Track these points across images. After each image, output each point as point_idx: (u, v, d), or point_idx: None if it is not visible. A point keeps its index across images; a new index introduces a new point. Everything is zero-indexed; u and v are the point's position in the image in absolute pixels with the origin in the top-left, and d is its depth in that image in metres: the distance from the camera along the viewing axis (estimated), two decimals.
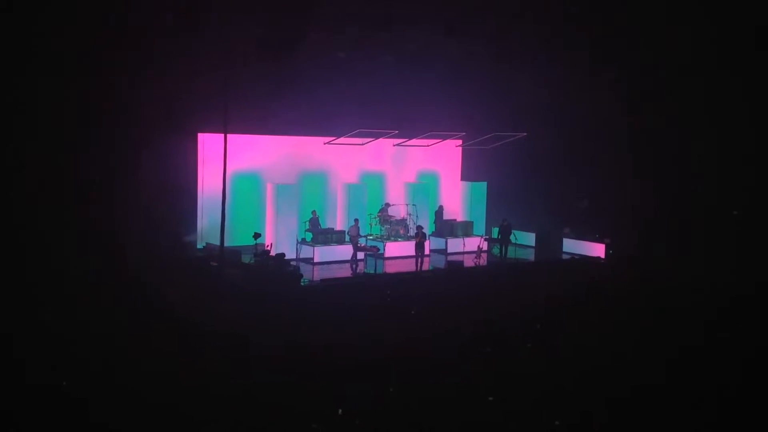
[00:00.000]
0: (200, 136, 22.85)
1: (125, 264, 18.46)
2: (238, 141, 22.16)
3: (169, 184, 21.02)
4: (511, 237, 25.22)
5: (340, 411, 11.19)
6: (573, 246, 26.54)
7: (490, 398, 11.99)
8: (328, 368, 12.94)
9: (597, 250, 25.75)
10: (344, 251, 23.43)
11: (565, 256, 26.28)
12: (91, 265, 17.90)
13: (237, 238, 22.35)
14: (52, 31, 17.42)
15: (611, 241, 25.56)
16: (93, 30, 17.64)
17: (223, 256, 19.84)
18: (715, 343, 15.15)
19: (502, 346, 14.87)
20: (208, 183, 22.83)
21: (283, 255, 20.77)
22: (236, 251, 21.20)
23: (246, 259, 21.04)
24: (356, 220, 23.67)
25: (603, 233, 25.92)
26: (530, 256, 26.51)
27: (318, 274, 21.90)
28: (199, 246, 22.83)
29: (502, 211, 26.24)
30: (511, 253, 25.47)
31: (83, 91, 18.42)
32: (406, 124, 25.33)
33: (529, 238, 27.23)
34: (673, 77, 23.77)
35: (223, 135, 19.49)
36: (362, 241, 23.91)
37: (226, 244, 19.93)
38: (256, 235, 20.89)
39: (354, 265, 22.74)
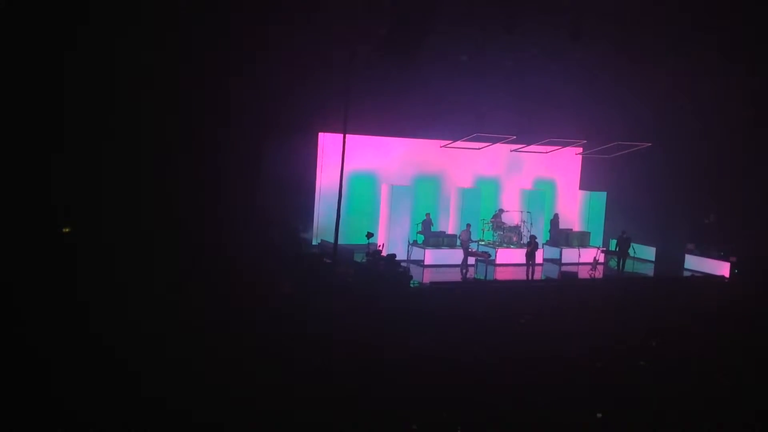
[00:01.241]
0: (321, 135, 23.40)
1: (243, 256, 19.11)
2: (356, 141, 22.55)
3: (289, 181, 21.65)
4: (630, 250, 24.38)
5: (444, 414, 11.19)
6: (695, 263, 25.35)
7: (599, 414, 11.65)
8: (430, 371, 12.94)
9: (721, 268, 24.48)
10: (455, 255, 23.37)
11: (686, 273, 25.14)
12: (211, 256, 18.61)
13: (351, 236, 22.74)
14: (178, 32, 18.18)
15: (737, 259, 24.23)
16: (218, 31, 18.33)
17: (336, 253, 20.24)
18: None
19: (612, 360, 14.42)
20: (326, 182, 23.35)
21: (394, 256, 20.95)
22: (349, 249, 21.57)
23: (358, 257, 21.37)
24: (468, 225, 23.54)
25: (728, 251, 24.62)
26: (649, 271, 25.54)
27: (428, 276, 21.95)
28: (314, 242, 23.38)
29: (622, 223, 25.37)
30: (629, 266, 24.62)
31: (210, 91, 19.17)
32: (525, 130, 24.97)
33: (648, 252, 26.24)
34: None
35: (342, 135, 19.89)
36: (473, 246, 23.76)
37: (340, 242, 20.32)
38: (369, 235, 21.17)
39: (464, 270, 22.64)
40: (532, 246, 22.88)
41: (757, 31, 21.07)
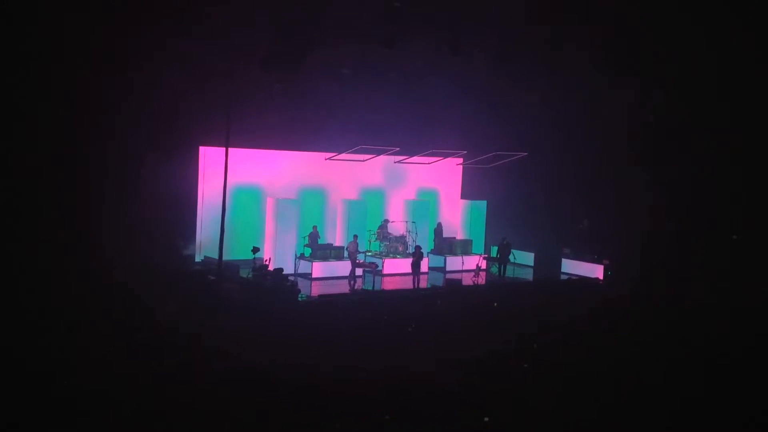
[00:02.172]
0: (202, 149, 22.88)
1: (122, 274, 18.39)
2: (239, 155, 22.20)
3: (169, 196, 21.00)
4: (510, 256, 25.21)
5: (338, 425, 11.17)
6: (572, 266, 26.51)
7: (486, 419, 11.94)
8: (321, 385, 12.89)
9: (596, 271, 25.72)
10: (343, 267, 23.40)
11: (563, 277, 26.26)
12: (87, 273, 17.81)
13: (236, 252, 22.33)
14: (55, 44, 17.41)
15: (610, 262, 25.54)
16: (98, 40, 17.65)
17: (221, 269, 19.80)
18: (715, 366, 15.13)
19: (499, 365, 14.83)
20: (209, 196, 22.84)
21: (281, 270, 20.74)
22: (234, 265, 21.17)
23: (244, 273, 21.01)
24: (355, 236, 23.65)
25: (602, 254, 25.91)
26: (529, 275, 26.49)
27: (316, 289, 21.86)
28: (197, 259, 22.79)
29: (502, 230, 26.24)
30: (510, 272, 25.46)
31: (84, 102, 18.39)
32: (408, 142, 25.38)
33: (528, 258, 27.22)
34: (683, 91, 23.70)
35: (224, 148, 19.52)
36: (361, 257, 23.88)
37: (224, 257, 19.89)
38: (255, 250, 20.87)
39: (352, 281, 22.70)
40: (417, 255, 23.24)
41: (622, 45, 22.28)
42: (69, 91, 17.96)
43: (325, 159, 25.22)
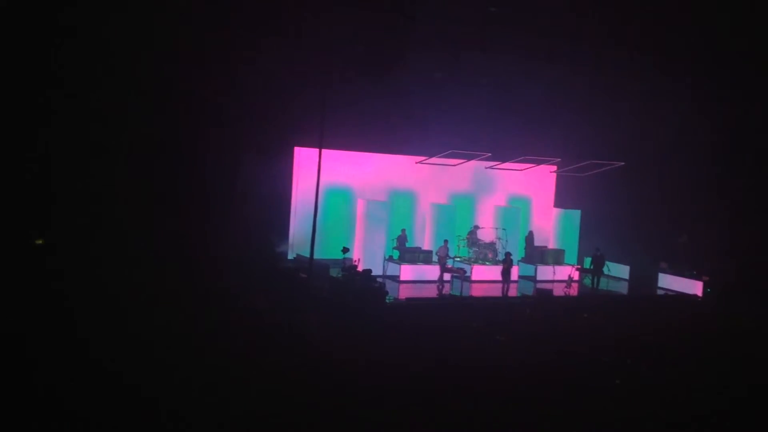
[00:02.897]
0: (296, 150, 23.28)
1: (219, 269, 18.90)
2: (332, 156, 22.45)
3: (265, 195, 21.49)
4: (604, 268, 24.50)
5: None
6: (669, 282, 25.55)
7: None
8: (404, 388, 12.83)
9: (694, 287, 24.70)
10: (430, 271, 23.31)
11: (659, 292, 25.33)
12: (185, 268, 18.37)
13: (326, 251, 22.58)
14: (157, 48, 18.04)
15: (710, 279, 24.47)
16: (196, 48, 18.21)
17: (311, 268, 20.06)
18: None
19: (588, 378, 14.41)
20: (302, 196, 23.21)
21: (370, 271, 20.82)
22: (325, 264, 21.41)
23: (334, 272, 21.21)
24: (445, 241, 23.51)
25: (701, 270, 24.86)
26: (623, 289, 25.68)
27: (403, 292, 21.85)
28: (289, 257, 23.17)
29: (596, 241, 25.51)
30: (603, 284, 24.73)
31: (184, 105, 19.01)
32: (500, 147, 25.07)
33: (623, 271, 26.39)
34: None
35: (318, 149, 19.79)
36: (449, 263, 23.71)
37: (315, 256, 20.16)
38: (345, 250, 21.06)
39: (440, 286, 22.57)
40: (507, 262, 22.89)
41: (728, 56, 21.41)
42: (169, 95, 18.61)
43: (416, 162, 25.20)
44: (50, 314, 14.60)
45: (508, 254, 23.31)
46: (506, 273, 22.76)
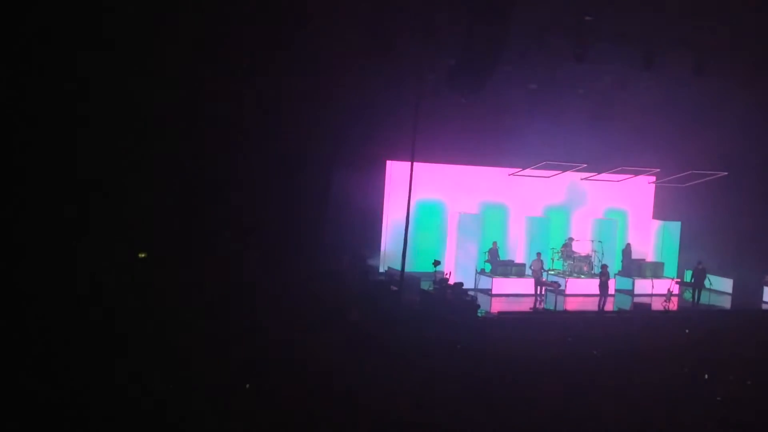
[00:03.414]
0: (388, 163, 23.57)
1: (312, 281, 19.30)
2: (424, 169, 22.62)
3: (358, 207, 21.86)
4: (706, 282, 23.60)
5: None
6: None
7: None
8: (495, 402, 12.77)
9: None
10: (523, 284, 23.08)
11: (765, 307, 24.18)
12: (280, 279, 18.85)
13: (418, 264, 22.72)
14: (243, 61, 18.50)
15: None
16: (289, 60, 18.67)
17: (403, 281, 20.24)
18: None
19: (687, 396, 13.95)
20: (393, 209, 23.46)
21: (461, 284, 20.82)
22: (416, 277, 21.55)
23: (425, 285, 21.32)
24: (539, 254, 23.24)
25: None
26: (726, 303, 24.67)
27: (496, 305, 21.72)
28: (381, 269, 23.44)
29: (697, 254, 24.61)
30: (705, 298, 23.83)
31: (279, 118, 19.53)
32: (596, 158, 24.61)
33: (726, 284, 25.35)
34: None
35: (410, 162, 19.99)
36: (543, 276, 23.41)
37: (406, 269, 20.33)
38: (436, 263, 21.14)
39: (537, 300, 22.28)
40: (604, 275, 22.41)
41: None
42: (263, 108, 19.15)
43: (508, 175, 25.04)
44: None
45: (604, 266, 22.83)
46: (603, 286, 22.28)
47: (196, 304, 16.31)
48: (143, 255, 18.57)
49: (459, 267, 23.18)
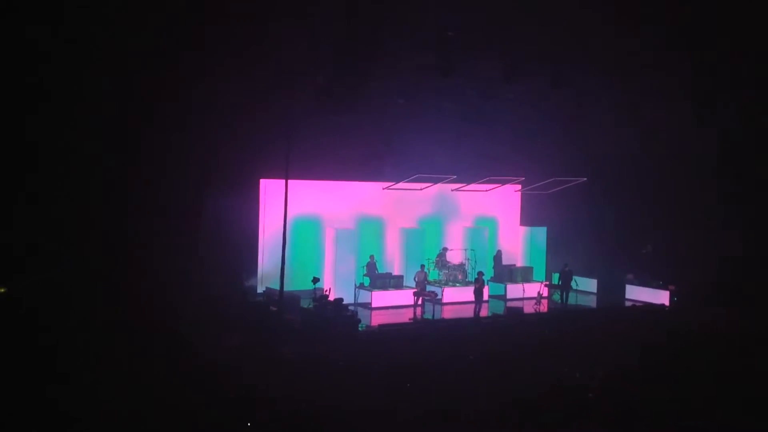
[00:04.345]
0: (262, 181, 23.30)
1: (187, 306, 18.75)
2: (299, 186, 22.51)
3: (232, 228, 21.42)
4: (572, 283, 24.80)
5: None
6: (636, 293, 25.95)
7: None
8: (383, 413, 12.84)
9: (661, 297, 25.10)
10: (402, 296, 23.39)
11: (627, 303, 25.69)
12: (153, 305, 18.20)
13: (297, 282, 22.55)
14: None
15: (676, 288, 24.90)
16: (158, 79, 18.20)
17: (282, 300, 20.02)
18: None
19: (565, 394, 14.55)
20: (269, 227, 23.18)
21: (341, 300, 20.84)
22: (296, 296, 21.38)
23: (305, 303, 21.18)
24: (422, 266, 23.66)
25: (667, 280, 25.29)
26: (592, 302, 26.00)
27: (376, 319, 21.88)
28: (259, 290, 23.08)
29: (563, 257, 25.87)
30: (572, 299, 25.02)
31: (149, 139, 18.96)
32: (464, 169, 25.35)
33: (590, 284, 26.73)
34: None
35: (284, 180, 19.85)
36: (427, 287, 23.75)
37: (286, 288, 20.13)
38: (315, 280, 21.07)
39: (416, 310, 22.60)
40: (479, 282, 23.08)
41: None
42: (132, 127, 18.54)
43: (383, 189, 25.36)
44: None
45: (480, 273, 23.53)
46: (478, 293, 22.94)
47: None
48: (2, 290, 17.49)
49: (338, 282, 23.19)
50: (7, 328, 15.75)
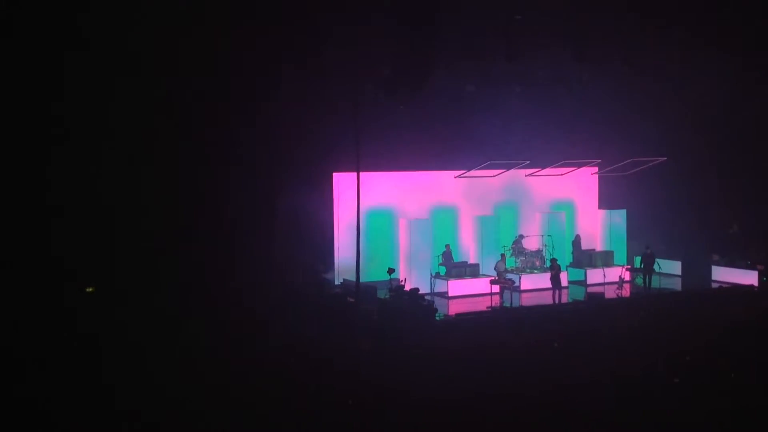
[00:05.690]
0: (335, 175, 23.53)
1: (268, 300, 19.14)
2: (370, 178, 22.63)
3: (307, 223, 21.75)
4: (655, 266, 24.08)
5: None
6: (723, 274, 25.02)
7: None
8: (461, 404, 12.81)
9: (749, 277, 24.13)
10: (478, 284, 23.25)
11: (714, 285, 24.80)
12: (234, 299, 18.65)
13: (373, 273, 22.69)
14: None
15: (765, 267, 23.88)
16: (229, 76, 18.60)
17: (359, 292, 20.19)
18: None
19: (647, 378, 14.22)
20: (344, 220, 23.40)
21: (417, 290, 20.86)
22: (372, 287, 21.52)
23: (381, 294, 21.31)
24: (502, 255, 23.43)
25: (755, 259, 24.29)
26: (676, 285, 25.21)
27: (453, 308, 21.81)
28: (336, 282, 23.36)
29: (644, 239, 25.14)
30: (656, 282, 24.31)
31: (224, 137, 19.42)
32: (538, 154, 24.95)
33: (674, 267, 25.90)
34: None
35: (356, 173, 19.99)
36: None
37: (362, 280, 20.27)
38: (391, 271, 21.14)
39: (500, 298, 22.44)
40: (555, 269, 22.71)
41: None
42: (206, 125, 19.02)
43: (455, 177, 25.22)
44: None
45: (553, 260, 23.13)
46: (555, 279, 22.57)
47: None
48: (91, 290, 18.25)
49: (414, 272, 23.22)
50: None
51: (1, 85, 17.05)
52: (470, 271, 23.84)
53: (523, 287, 23.79)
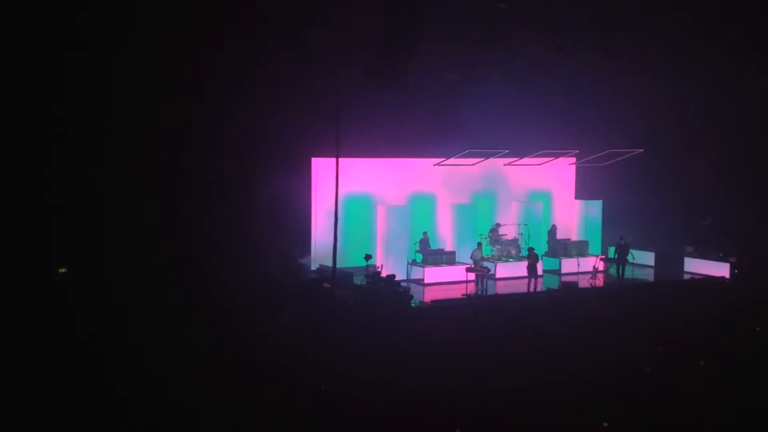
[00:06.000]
0: (314, 160, 23.44)
1: (242, 285, 19.06)
2: (349, 164, 22.59)
3: (284, 208, 21.64)
4: (629, 256, 24.36)
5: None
6: (695, 265, 25.36)
7: (605, 424, 11.62)
8: (437, 390, 12.89)
9: (721, 269, 24.48)
10: (455, 272, 23.35)
11: (686, 276, 25.13)
12: (207, 284, 18.56)
13: (349, 259, 22.71)
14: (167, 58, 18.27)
15: (737, 260, 24.24)
16: (210, 60, 18.44)
17: (335, 277, 20.19)
18: None
19: (619, 368, 14.39)
20: (322, 206, 23.35)
21: (393, 276, 20.91)
22: (349, 273, 21.53)
23: (358, 280, 21.33)
24: (479, 244, 23.53)
25: (728, 252, 24.64)
26: (649, 276, 25.51)
27: (429, 294, 21.90)
28: (312, 268, 23.33)
29: (619, 230, 25.39)
30: (629, 273, 24.59)
31: (201, 121, 19.26)
32: (517, 143, 25.04)
33: (648, 258, 26.22)
34: None
35: (335, 159, 19.93)
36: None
37: (338, 265, 20.26)
38: (368, 257, 21.17)
39: (475, 285, 22.54)
40: (532, 258, 22.87)
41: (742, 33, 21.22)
42: (183, 108, 18.85)
43: (434, 165, 25.24)
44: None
45: (531, 249, 23.31)
46: (532, 268, 22.75)
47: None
48: (63, 270, 18.06)
49: (390, 259, 23.27)
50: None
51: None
52: (446, 258, 23.94)
53: (498, 275, 23.96)
